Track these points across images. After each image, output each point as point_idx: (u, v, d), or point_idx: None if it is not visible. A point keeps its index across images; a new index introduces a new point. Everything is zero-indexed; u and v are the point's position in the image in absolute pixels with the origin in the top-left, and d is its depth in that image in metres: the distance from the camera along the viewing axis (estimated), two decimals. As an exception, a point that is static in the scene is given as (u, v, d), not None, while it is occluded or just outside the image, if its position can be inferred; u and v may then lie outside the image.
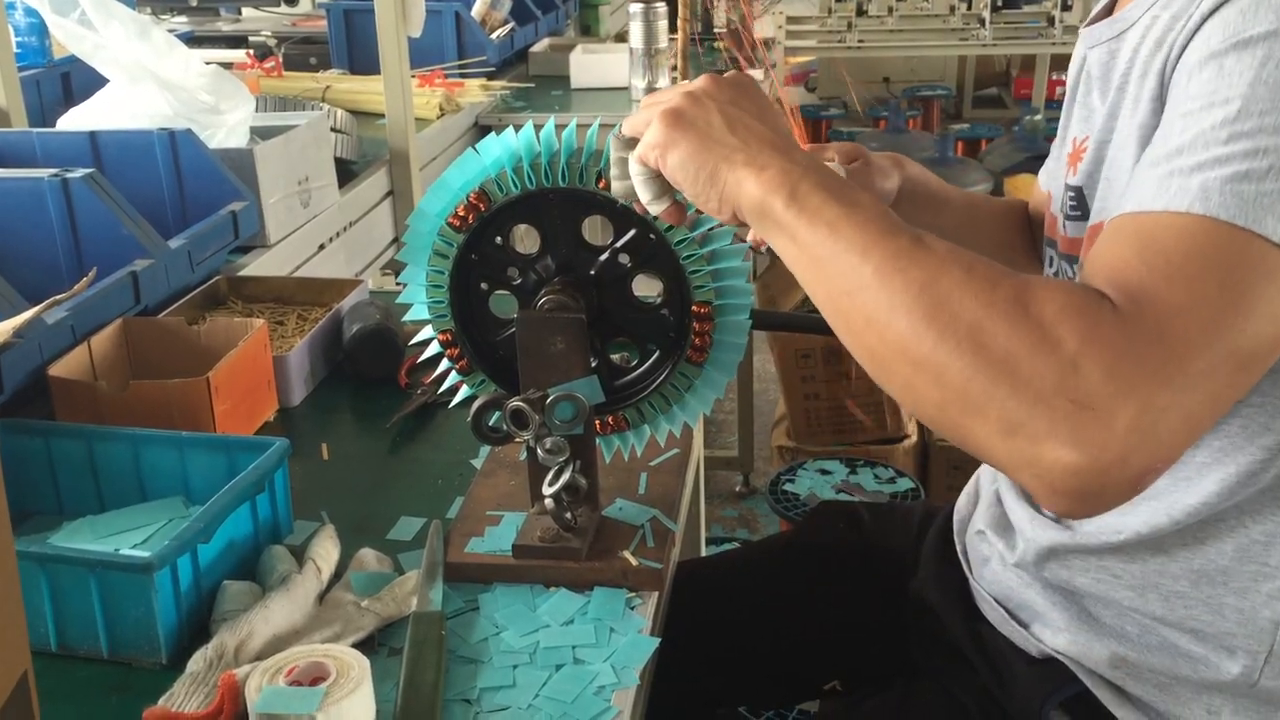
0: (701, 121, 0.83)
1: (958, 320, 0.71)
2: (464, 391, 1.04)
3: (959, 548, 1.10)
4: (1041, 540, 0.98)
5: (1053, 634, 0.97)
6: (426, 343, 1.04)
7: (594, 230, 0.98)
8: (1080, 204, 0.97)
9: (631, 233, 0.96)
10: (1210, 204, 0.71)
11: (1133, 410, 0.67)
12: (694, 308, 0.97)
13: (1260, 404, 0.84)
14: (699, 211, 0.88)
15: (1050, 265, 1.04)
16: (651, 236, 0.95)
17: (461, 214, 0.97)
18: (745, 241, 0.98)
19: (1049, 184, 1.15)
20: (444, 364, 1.04)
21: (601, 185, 0.94)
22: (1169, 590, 0.91)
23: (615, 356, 1.04)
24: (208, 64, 1.73)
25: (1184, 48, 0.78)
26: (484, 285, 1.01)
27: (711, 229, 0.94)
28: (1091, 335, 0.69)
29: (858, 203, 0.77)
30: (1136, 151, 0.84)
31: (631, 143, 0.87)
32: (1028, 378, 0.69)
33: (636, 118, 0.87)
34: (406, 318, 1.04)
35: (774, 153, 0.81)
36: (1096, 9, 1.00)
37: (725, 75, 0.87)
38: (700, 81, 0.86)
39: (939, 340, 0.71)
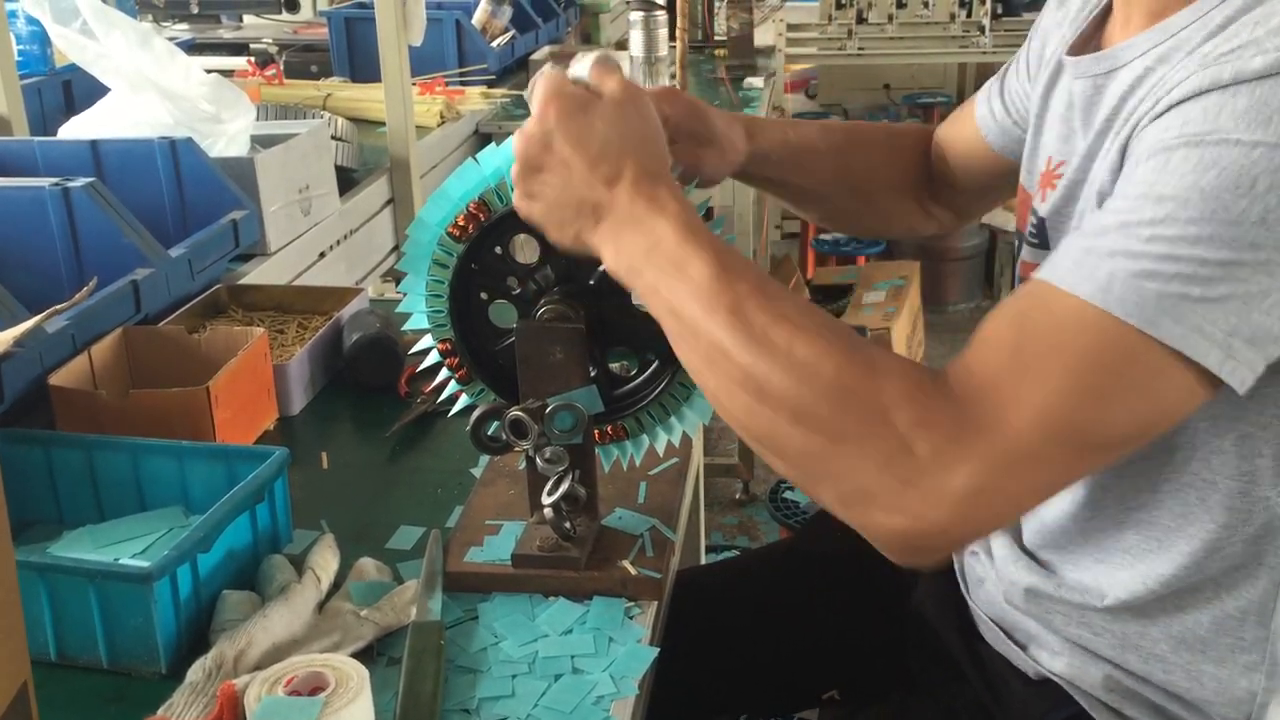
0: (553, 178, 0.87)
1: (786, 399, 0.76)
2: (463, 401, 1.05)
3: (956, 566, 1.10)
4: (1023, 582, 0.98)
5: (1050, 656, 0.97)
6: (426, 352, 1.04)
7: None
8: (1041, 235, 0.97)
9: None
10: (1109, 296, 0.73)
11: (955, 491, 0.73)
12: None
13: (1211, 480, 0.85)
14: None
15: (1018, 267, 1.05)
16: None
17: (461, 224, 0.97)
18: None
19: (992, 130, 1.17)
20: (443, 373, 1.04)
21: None
22: (1149, 652, 0.91)
23: (614, 366, 1.04)
24: (208, 73, 1.73)
25: (1145, 129, 0.78)
26: (484, 295, 1.01)
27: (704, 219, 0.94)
28: (922, 420, 0.74)
29: (690, 277, 0.81)
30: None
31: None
32: (859, 456, 0.75)
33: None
34: (406, 327, 1.04)
35: (616, 212, 0.85)
36: (1078, 29, 0.99)
37: (568, 90, 0.88)
38: (546, 117, 0.87)
39: (773, 418, 0.77)
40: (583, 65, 0.91)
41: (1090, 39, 0.97)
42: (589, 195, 0.86)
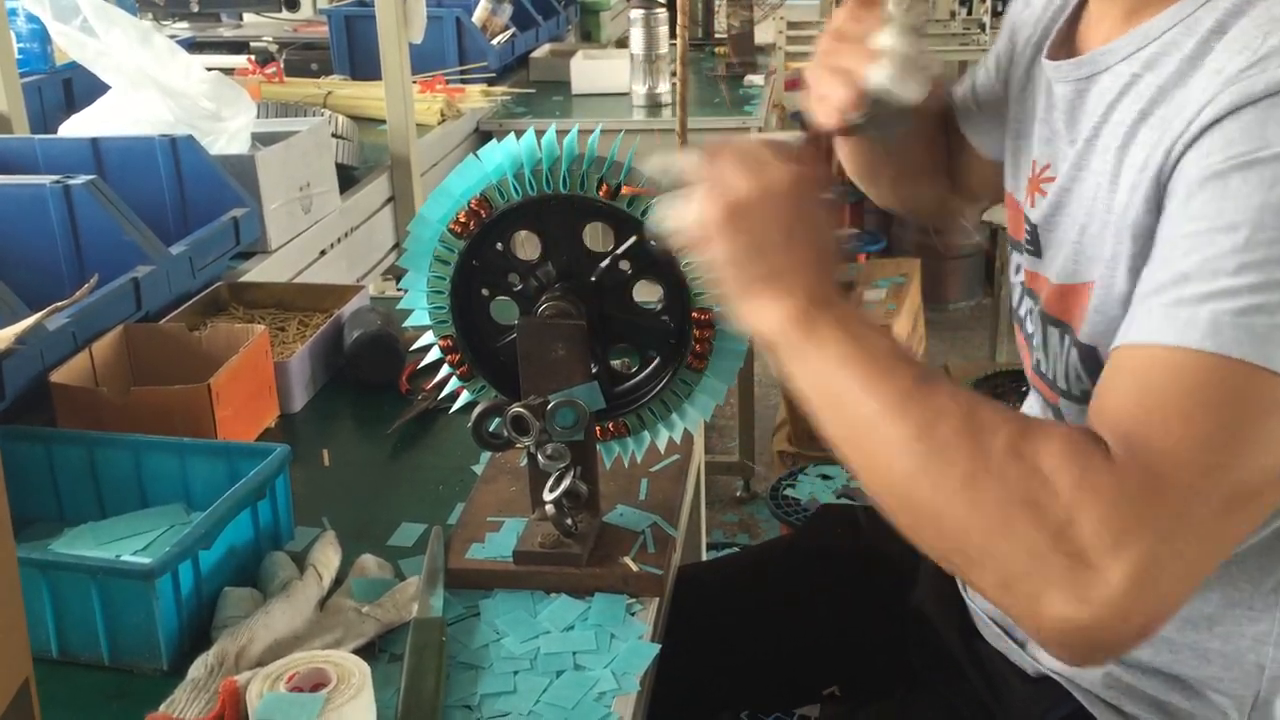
0: (753, 232, 0.80)
1: (952, 470, 0.72)
2: (464, 397, 1.05)
3: None
4: None
5: (1049, 654, 0.97)
6: (428, 348, 1.04)
7: (595, 237, 0.99)
8: (1035, 242, 0.95)
9: (632, 239, 0.96)
10: (1222, 340, 0.70)
11: (1130, 564, 0.67)
12: (694, 314, 0.97)
13: None
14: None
15: (1016, 273, 1.03)
16: (652, 243, 0.95)
17: (463, 220, 0.97)
18: None
19: (966, 125, 1.14)
20: (444, 370, 1.04)
21: (603, 193, 0.94)
22: (1155, 636, 0.91)
23: (616, 363, 1.04)
24: (209, 70, 1.73)
25: (1180, 157, 0.75)
26: (485, 291, 1.01)
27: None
28: (1085, 485, 0.69)
29: (869, 339, 0.77)
30: (1115, 247, 0.82)
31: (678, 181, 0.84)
32: (1023, 532, 0.69)
33: (702, 166, 0.83)
34: (408, 323, 1.04)
35: (805, 283, 0.80)
36: (1051, 30, 0.98)
37: (797, 185, 0.82)
38: (771, 185, 0.81)
39: (934, 490, 0.73)
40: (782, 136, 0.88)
41: (1066, 40, 0.96)
42: (784, 263, 0.81)
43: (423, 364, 1.06)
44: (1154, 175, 0.78)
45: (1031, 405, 1.04)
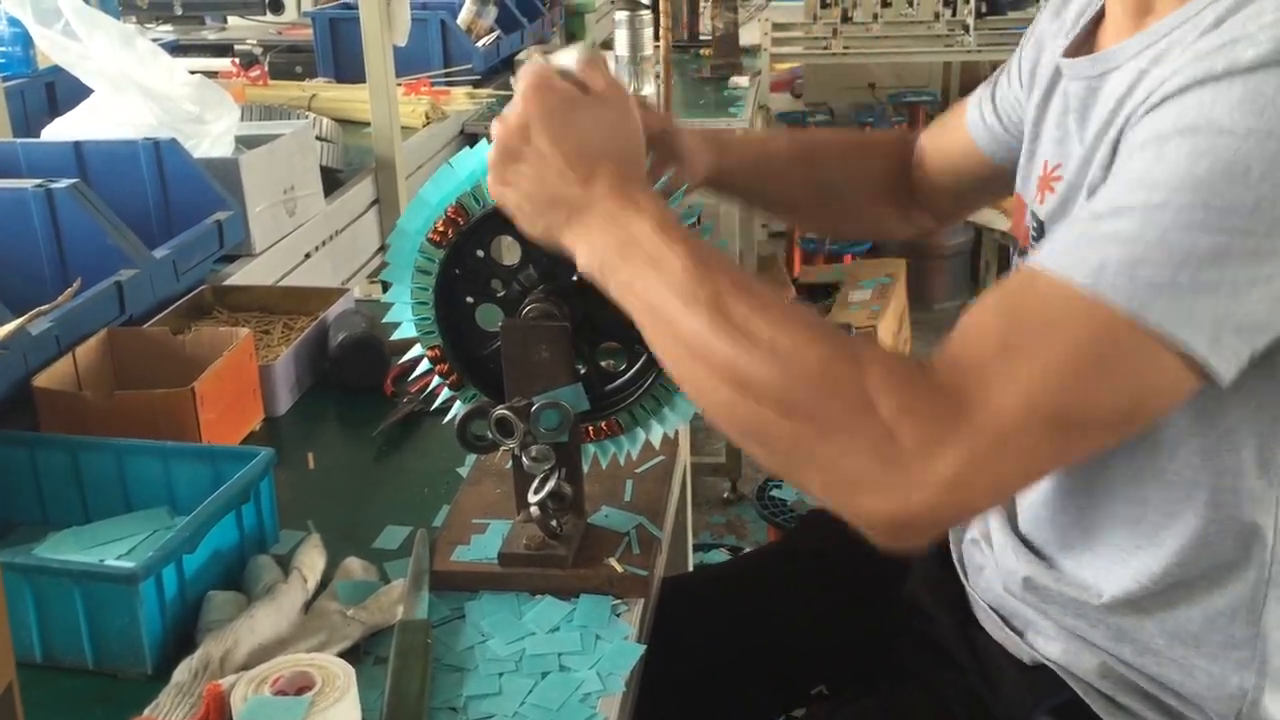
0: (529, 169, 0.87)
1: (770, 389, 0.76)
2: (457, 408, 1.04)
3: (954, 554, 1.11)
4: (1021, 571, 0.98)
5: (1045, 641, 0.97)
6: (418, 360, 1.04)
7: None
8: (1041, 237, 0.98)
9: None
10: (1100, 281, 0.73)
11: (941, 475, 0.73)
12: None
13: (1176, 476, 0.86)
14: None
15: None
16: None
17: (441, 229, 0.97)
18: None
19: (982, 136, 1.19)
20: (435, 380, 1.04)
21: None
22: (1144, 645, 0.92)
23: (605, 363, 1.04)
24: (192, 73, 1.73)
25: (1140, 121, 0.79)
26: (469, 299, 1.01)
27: (692, 225, 0.94)
28: (907, 405, 0.74)
29: (667, 271, 0.81)
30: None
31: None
32: (845, 444, 0.75)
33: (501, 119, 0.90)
34: (394, 336, 1.04)
35: (591, 209, 0.86)
36: (1073, 35, 1.00)
37: (553, 83, 0.88)
38: (528, 107, 0.88)
39: (756, 409, 0.77)
40: (569, 57, 0.91)
41: (1085, 42, 0.98)
42: (563, 191, 0.86)
43: (413, 375, 1.05)
44: (1114, 139, 0.82)
45: None
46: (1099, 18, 0.98)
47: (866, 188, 1.29)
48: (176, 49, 2.86)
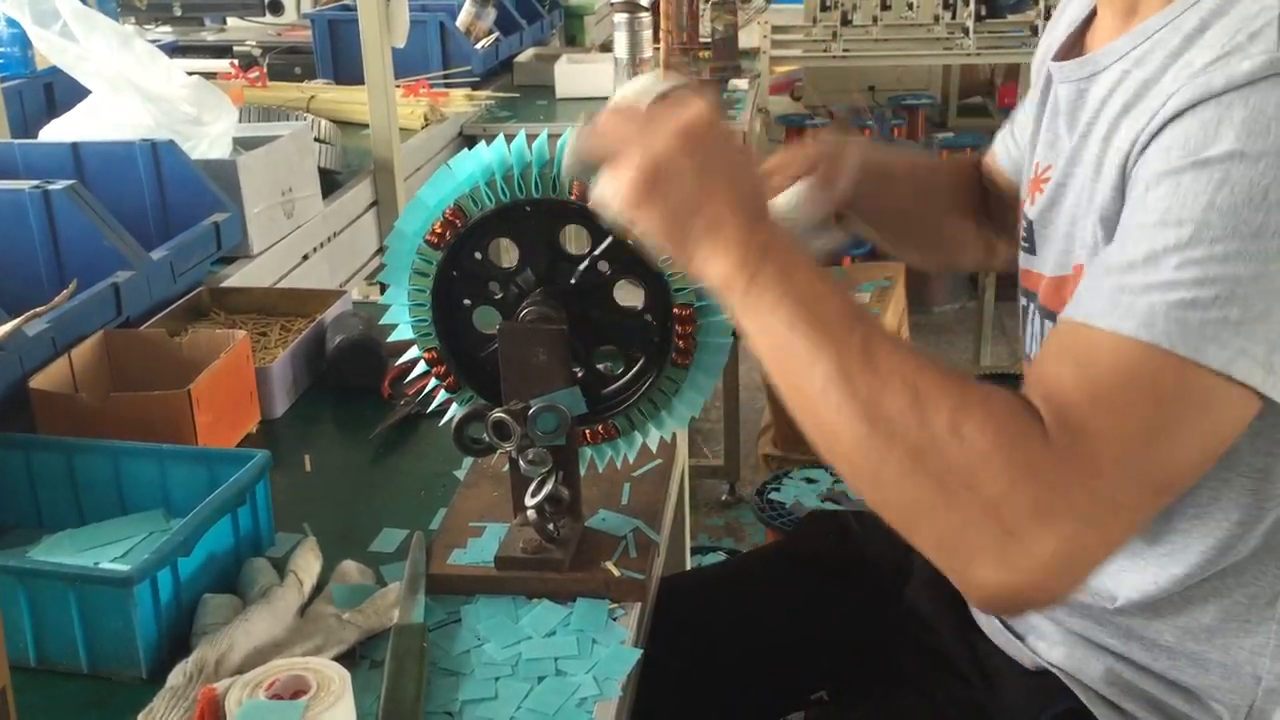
0: (674, 192, 0.81)
1: (896, 440, 0.75)
2: (454, 409, 1.04)
3: None
4: None
5: (1048, 647, 0.97)
6: (415, 361, 1.04)
7: (573, 240, 0.98)
8: (1030, 239, 0.98)
9: (609, 239, 0.96)
10: (1154, 330, 0.73)
11: (1057, 542, 0.72)
12: (675, 310, 0.97)
13: (1224, 478, 0.86)
14: None
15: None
16: (629, 242, 0.95)
17: (439, 231, 0.97)
18: None
19: (1007, 162, 1.20)
20: (432, 382, 1.04)
21: (575, 195, 0.94)
22: (1154, 644, 0.92)
23: (601, 365, 1.04)
24: (190, 75, 1.73)
25: (1145, 148, 0.78)
26: (466, 301, 1.01)
27: None
28: (1023, 467, 0.73)
29: (815, 297, 0.78)
30: (1094, 233, 0.85)
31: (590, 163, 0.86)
32: (961, 503, 0.73)
33: (604, 141, 0.85)
34: (392, 338, 1.03)
35: (738, 229, 0.80)
36: (1063, 40, 1.00)
37: (701, 127, 0.82)
38: (674, 139, 0.81)
39: (880, 460, 0.76)
40: (653, 83, 0.89)
41: (1075, 45, 0.98)
42: (708, 216, 0.81)
43: (410, 377, 1.05)
44: (1121, 165, 0.81)
45: None
46: (1090, 19, 0.98)
47: (955, 205, 1.26)
48: (175, 50, 2.85)
